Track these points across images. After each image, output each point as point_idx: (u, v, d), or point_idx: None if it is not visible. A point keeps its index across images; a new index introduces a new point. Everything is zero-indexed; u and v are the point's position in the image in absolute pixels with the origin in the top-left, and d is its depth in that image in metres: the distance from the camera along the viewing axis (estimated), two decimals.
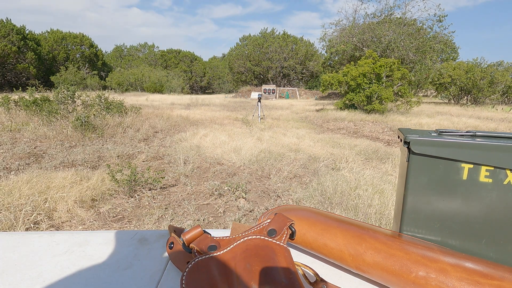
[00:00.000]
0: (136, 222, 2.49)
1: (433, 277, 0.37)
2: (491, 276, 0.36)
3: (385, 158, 4.53)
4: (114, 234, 0.58)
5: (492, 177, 0.44)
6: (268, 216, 0.49)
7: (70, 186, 2.92)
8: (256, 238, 0.40)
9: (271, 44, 32.13)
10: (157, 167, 3.96)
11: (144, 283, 0.44)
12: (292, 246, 0.53)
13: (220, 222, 2.54)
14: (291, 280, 0.34)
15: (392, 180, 3.43)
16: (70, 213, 2.53)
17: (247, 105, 15.50)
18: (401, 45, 19.10)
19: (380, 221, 2.47)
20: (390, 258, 0.41)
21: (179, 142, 5.38)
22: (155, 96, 20.44)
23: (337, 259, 0.46)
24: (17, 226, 2.22)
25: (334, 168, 3.95)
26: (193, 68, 42.88)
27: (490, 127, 8.24)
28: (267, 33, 33.83)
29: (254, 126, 7.41)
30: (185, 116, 8.88)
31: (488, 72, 17.32)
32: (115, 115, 7.13)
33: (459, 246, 0.47)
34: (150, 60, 42.47)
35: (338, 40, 22.29)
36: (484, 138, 0.46)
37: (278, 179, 3.54)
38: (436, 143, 0.46)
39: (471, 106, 16.07)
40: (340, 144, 5.51)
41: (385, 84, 11.06)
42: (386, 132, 7.35)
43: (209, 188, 3.19)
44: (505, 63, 21.42)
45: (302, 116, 10.53)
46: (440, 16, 20.20)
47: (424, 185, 0.48)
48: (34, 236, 0.56)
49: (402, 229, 0.50)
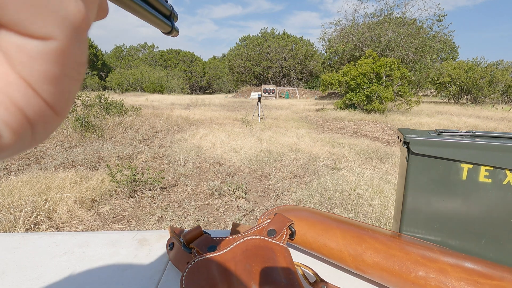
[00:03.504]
0: (136, 222, 2.49)
1: (432, 277, 0.37)
2: (491, 276, 0.36)
3: (385, 158, 4.53)
4: (114, 234, 0.58)
5: (492, 177, 0.44)
6: (268, 216, 0.49)
7: (70, 186, 2.92)
8: (256, 238, 0.40)
9: (271, 44, 32.13)
10: (157, 168, 3.96)
11: (144, 283, 0.44)
12: (292, 246, 0.54)
13: (220, 222, 2.54)
14: (291, 280, 0.34)
15: (392, 180, 3.43)
16: (70, 214, 2.53)
17: (247, 105, 15.50)
18: (400, 45, 19.11)
19: (380, 221, 2.47)
20: (390, 258, 0.41)
21: (179, 142, 5.38)
22: (155, 96, 20.44)
23: (337, 259, 0.46)
24: (17, 227, 2.22)
25: (334, 168, 3.95)
26: (193, 68, 42.89)
27: (490, 127, 8.24)
28: (267, 33, 33.83)
29: (254, 126, 7.41)
30: (185, 116, 8.88)
31: (488, 71, 17.32)
32: (115, 116, 7.12)
33: (458, 246, 0.47)
34: (150, 60, 42.47)
35: (338, 39, 22.30)
36: (483, 138, 0.46)
37: (278, 179, 3.54)
38: (435, 143, 0.46)
39: (471, 106, 16.07)
40: (340, 144, 5.51)
41: (385, 84, 11.06)
42: (386, 131, 7.35)
43: (209, 188, 3.19)
44: (505, 62, 21.44)
45: (302, 116, 10.53)
46: (440, 16, 20.22)
47: (423, 185, 0.48)
48: (34, 237, 0.56)
49: (402, 229, 0.50)
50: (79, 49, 0.11)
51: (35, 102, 0.10)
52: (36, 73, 0.10)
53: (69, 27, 0.10)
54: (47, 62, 0.10)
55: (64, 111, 0.12)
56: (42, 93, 0.10)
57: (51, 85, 0.10)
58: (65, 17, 0.10)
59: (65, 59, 0.10)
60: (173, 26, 0.31)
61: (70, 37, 0.10)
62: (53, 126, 0.12)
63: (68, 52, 0.10)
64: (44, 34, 0.10)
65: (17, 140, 0.10)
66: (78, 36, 0.10)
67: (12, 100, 0.10)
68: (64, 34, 0.10)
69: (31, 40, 0.09)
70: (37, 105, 0.10)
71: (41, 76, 0.10)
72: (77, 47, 0.11)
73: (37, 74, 0.10)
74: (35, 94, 0.10)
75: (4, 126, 0.10)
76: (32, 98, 0.10)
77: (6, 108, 0.10)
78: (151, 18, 0.27)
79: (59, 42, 0.10)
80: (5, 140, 0.10)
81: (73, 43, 0.10)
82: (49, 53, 0.10)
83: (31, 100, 0.10)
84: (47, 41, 0.10)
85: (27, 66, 0.10)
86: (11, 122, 0.10)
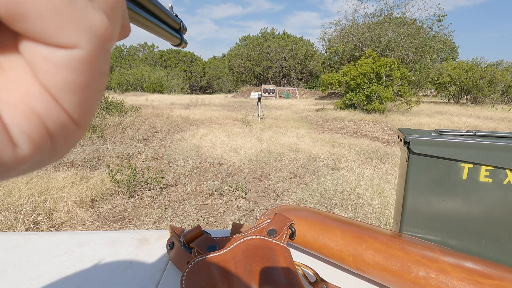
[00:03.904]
0: (136, 222, 2.49)
1: (433, 277, 0.37)
2: (491, 276, 0.36)
3: (385, 158, 4.53)
4: (114, 234, 0.58)
5: (492, 177, 0.44)
6: (268, 216, 0.49)
7: (70, 186, 2.92)
8: (256, 238, 0.40)
9: (271, 44, 32.12)
10: (157, 167, 3.96)
11: (144, 283, 0.44)
12: (292, 246, 0.53)
13: (220, 222, 2.54)
14: (291, 280, 0.34)
15: (392, 180, 3.43)
16: (70, 213, 2.53)
17: (247, 105, 15.50)
18: (400, 45, 19.11)
19: (380, 221, 2.47)
20: (390, 258, 0.41)
21: (179, 142, 5.38)
22: (154, 96, 20.43)
23: (337, 259, 0.46)
24: (17, 226, 2.22)
25: (334, 168, 3.95)
26: (192, 68, 42.86)
27: (490, 127, 8.25)
28: (266, 33, 33.82)
29: (254, 126, 7.41)
30: (185, 116, 8.87)
31: (487, 71, 17.33)
32: (115, 115, 7.12)
33: (459, 246, 0.47)
34: (150, 60, 42.44)
35: (337, 39, 22.31)
36: (484, 138, 0.46)
37: (278, 179, 3.54)
38: (436, 143, 0.46)
39: (470, 106, 16.08)
40: (340, 144, 5.51)
41: (385, 84, 11.07)
42: (386, 131, 7.36)
43: (209, 188, 3.19)
44: (505, 62, 21.46)
45: (302, 116, 10.53)
46: (440, 16, 20.22)
47: (424, 185, 0.48)
48: (34, 237, 0.56)
49: (402, 229, 0.50)
50: (103, 59, 0.11)
51: (57, 112, 0.10)
52: (60, 82, 0.10)
53: (94, 36, 0.10)
54: (71, 71, 0.10)
55: (85, 123, 0.12)
56: (64, 103, 0.10)
57: (73, 95, 0.10)
58: (90, 27, 0.10)
59: (89, 68, 0.10)
60: (182, 39, 0.33)
61: (94, 46, 0.10)
62: (74, 139, 0.11)
63: (92, 61, 0.10)
64: (70, 42, 0.10)
65: (36, 152, 0.10)
66: (102, 46, 0.11)
67: (33, 110, 0.10)
68: (88, 42, 0.10)
69: (57, 49, 0.10)
70: (59, 116, 0.10)
71: (64, 85, 0.10)
72: (101, 57, 0.11)
73: (60, 83, 0.10)
74: (57, 104, 0.10)
75: (24, 137, 0.10)
76: (54, 108, 0.10)
77: (26, 117, 0.09)
78: (162, 33, 0.28)
79: (84, 50, 0.10)
80: (23, 152, 0.10)
81: (97, 52, 0.10)
82: (74, 61, 0.10)
83: (52, 111, 0.10)
84: (73, 49, 0.10)
85: (51, 75, 0.10)
86: (31, 132, 0.10)
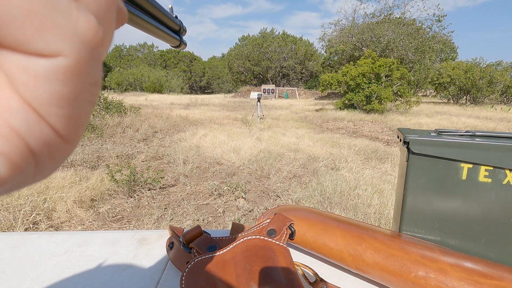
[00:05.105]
0: (136, 222, 2.48)
1: (432, 277, 0.37)
2: (491, 276, 0.36)
3: (384, 158, 4.53)
4: (114, 234, 0.58)
5: (492, 177, 0.44)
6: (267, 216, 0.49)
7: (69, 186, 2.92)
8: (255, 238, 0.40)
9: (271, 44, 32.12)
10: (156, 167, 3.96)
11: (144, 283, 0.44)
12: (291, 246, 0.53)
13: (220, 222, 2.54)
14: (290, 280, 0.34)
15: (391, 180, 3.43)
16: (69, 213, 2.53)
17: (247, 105, 15.50)
18: (400, 45, 19.13)
19: (380, 221, 2.47)
20: (389, 258, 0.41)
21: (179, 142, 5.38)
22: (154, 96, 20.42)
23: (336, 259, 0.46)
24: (16, 226, 2.22)
25: (334, 168, 3.95)
26: (192, 68, 42.83)
27: (489, 127, 8.26)
28: (266, 33, 33.82)
29: (253, 126, 7.41)
30: (185, 116, 8.87)
31: (487, 72, 17.35)
32: (114, 115, 7.11)
33: (458, 246, 0.47)
34: (150, 60, 42.41)
35: (337, 40, 22.31)
36: (483, 138, 0.46)
37: (277, 179, 3.54)
38: (435, 143, 0.46)
39: (470, 106, 16.10)
40: (339, 144, 5.51)
41: (385, 84, 11.08)
42: (386, 131, 7.36)
43: (209, 188, 3.19)
44: (504, 63, 21.49)
45: (301, 116, 10.53)
46: (439, 16, 20.25)
47: (423, 185, 0.48)
48: (33, 237, 0.56)
49: (401, 229, 0.50)
50: (92, 68, 0.10)
51: (40, 128, 0.09)
52: (42, 95, 0.09)
53: (80, 42, 0.09)
54: (55, 82, 0.09)
55: (75, 138, 0.10)
56: (48, 118, 0.09)
57: (59, 108, 0.09)
58: (75, 32, 0.09)
59: (76, 78, 0.09)
60: (182, 40, 0.32)
61: (81, 53, 0.09)
62: (61, 156, 0.10)
63: (79, 70, 0.09)
64: (51, 50, 0.08)
65: (16, 174, 0.09)
66: (90, 52, 0.09)
67: (12, 127, 0.09)
68: (74, 49, 0.09)
69: (37, 58, 0.08)
70: (42, 132, 0.09)
71: (48, 98, 0.09)
72: (90, 65, 0.10)
73: (43, 96, 0.09)
74: (40, 119, 0.09)
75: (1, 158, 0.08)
76: (36, 124, 0.09)
77: (3, 136, 0.08)
78: (162, 35, 0.28)
79: (69, 58, 0.09)
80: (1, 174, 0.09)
81: (85, 60, 0.09)
82: (57, 72, 0.09)
83: (35, 127, 0.09)
84: (55, 58, 0.09)
85: (32, 88, 0.09)
86: (9, 152, 0.09)
